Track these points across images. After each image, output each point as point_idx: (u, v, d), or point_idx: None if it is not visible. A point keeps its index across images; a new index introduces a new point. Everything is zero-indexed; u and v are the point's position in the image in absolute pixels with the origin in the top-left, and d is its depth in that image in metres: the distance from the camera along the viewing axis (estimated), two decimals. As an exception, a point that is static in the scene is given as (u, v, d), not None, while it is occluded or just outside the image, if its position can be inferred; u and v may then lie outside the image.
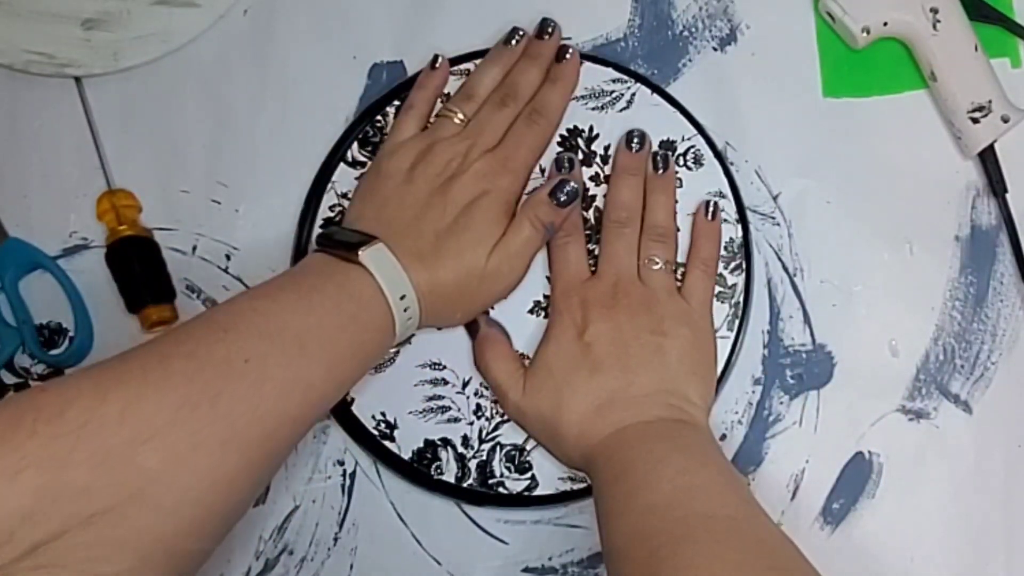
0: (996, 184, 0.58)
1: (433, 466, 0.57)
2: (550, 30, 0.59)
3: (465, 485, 0.57)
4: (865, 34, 0.58)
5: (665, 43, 0.61)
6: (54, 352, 0.60)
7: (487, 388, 0.57)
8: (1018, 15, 0.60)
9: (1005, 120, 0.57)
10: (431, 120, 0.59)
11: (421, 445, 0.57)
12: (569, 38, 0.61)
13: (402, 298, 0.51)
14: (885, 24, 0.58)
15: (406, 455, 0.57)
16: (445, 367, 0.58)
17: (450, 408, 0.57)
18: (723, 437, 0.57)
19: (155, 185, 0.62)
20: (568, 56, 0.59)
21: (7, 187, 0.62)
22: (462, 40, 0.61)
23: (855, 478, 0.57)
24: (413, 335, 0.56)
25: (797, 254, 0.59)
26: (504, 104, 0.58)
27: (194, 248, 0.61)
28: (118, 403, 0.41)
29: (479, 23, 0.61)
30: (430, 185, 0.55)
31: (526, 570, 0.57)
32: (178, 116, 0.62)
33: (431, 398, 0.57)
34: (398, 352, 0.58)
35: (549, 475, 0.56)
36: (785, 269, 0.59)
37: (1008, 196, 0.58)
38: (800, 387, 0.58)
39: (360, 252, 0.51)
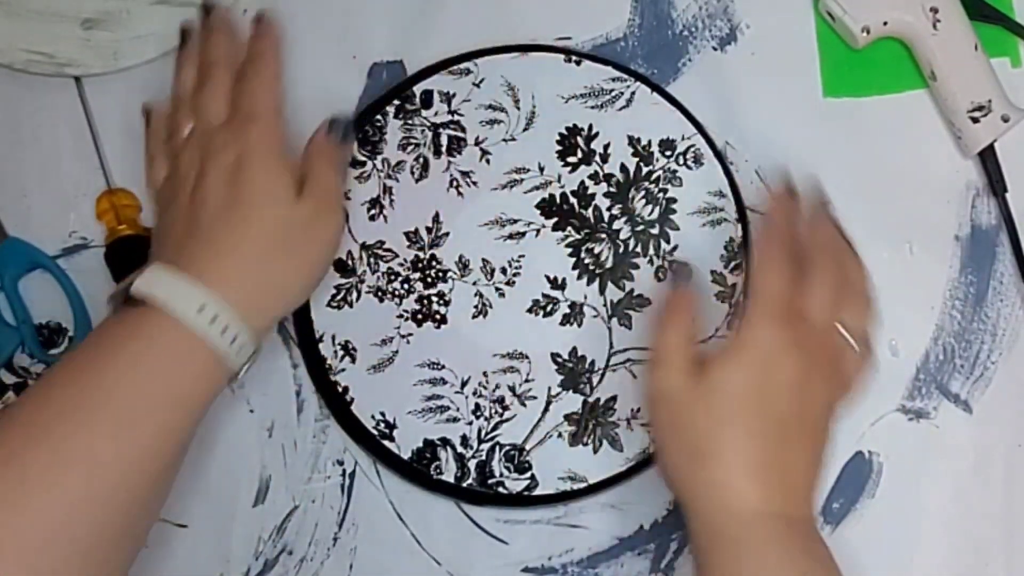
0: (996, 184, 0.58)
1: (432, 466, 0.57)
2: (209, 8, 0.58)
3: (464, 485, 0.56)
4: (865, 34, 0.58)
5: (665, 43, 0.61)
6: (54, 352, 0.60)
7: (485, 388, 0.57)
8: (1018, 15, 0.60)
9: (1005, 120, 0.57)
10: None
11: (420, 445, 0.57)
12: (569, 38, 0.61)
13: (201, 309, 0.46)
14: (885, 24, 0.58)
15: (405, 455, 0.57)
16: (444, 366, 0.58)
17: (449, 408, 0.57)
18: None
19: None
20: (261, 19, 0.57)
21: (7, 187, 0.62)
22: (462, 40, 0.61)
23: (855, 478, 0.57)
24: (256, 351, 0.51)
25: (797, 254, 0.58)
26: (209, 77, 0.55)
27: (194, 248, 0.61)
28: None
29: (479, 23, 0.62)
30: (188, 189, 0.52)
31: (526, 570, 0.57)
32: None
33: (430, 398, 0.57)
34: (397, 352, 0.58)
35: (549, 475, 0.56)
36: (785, 269, 0.58)
37: (1008, 196, 0.58)
38: (800, 387, 0.57)
39: (132, 288, 0.46)
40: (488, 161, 0.59)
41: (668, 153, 0.58)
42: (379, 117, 0.60)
